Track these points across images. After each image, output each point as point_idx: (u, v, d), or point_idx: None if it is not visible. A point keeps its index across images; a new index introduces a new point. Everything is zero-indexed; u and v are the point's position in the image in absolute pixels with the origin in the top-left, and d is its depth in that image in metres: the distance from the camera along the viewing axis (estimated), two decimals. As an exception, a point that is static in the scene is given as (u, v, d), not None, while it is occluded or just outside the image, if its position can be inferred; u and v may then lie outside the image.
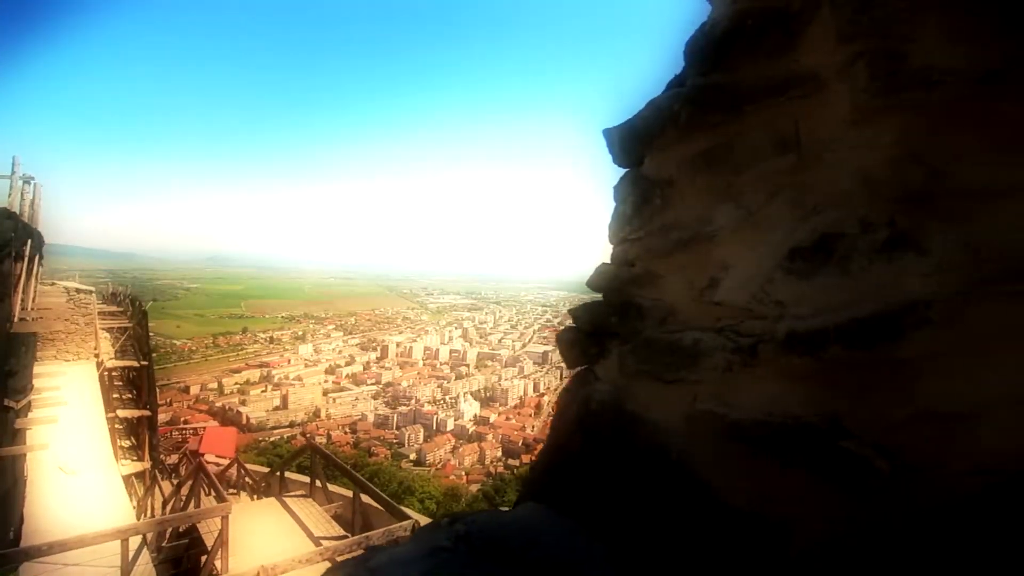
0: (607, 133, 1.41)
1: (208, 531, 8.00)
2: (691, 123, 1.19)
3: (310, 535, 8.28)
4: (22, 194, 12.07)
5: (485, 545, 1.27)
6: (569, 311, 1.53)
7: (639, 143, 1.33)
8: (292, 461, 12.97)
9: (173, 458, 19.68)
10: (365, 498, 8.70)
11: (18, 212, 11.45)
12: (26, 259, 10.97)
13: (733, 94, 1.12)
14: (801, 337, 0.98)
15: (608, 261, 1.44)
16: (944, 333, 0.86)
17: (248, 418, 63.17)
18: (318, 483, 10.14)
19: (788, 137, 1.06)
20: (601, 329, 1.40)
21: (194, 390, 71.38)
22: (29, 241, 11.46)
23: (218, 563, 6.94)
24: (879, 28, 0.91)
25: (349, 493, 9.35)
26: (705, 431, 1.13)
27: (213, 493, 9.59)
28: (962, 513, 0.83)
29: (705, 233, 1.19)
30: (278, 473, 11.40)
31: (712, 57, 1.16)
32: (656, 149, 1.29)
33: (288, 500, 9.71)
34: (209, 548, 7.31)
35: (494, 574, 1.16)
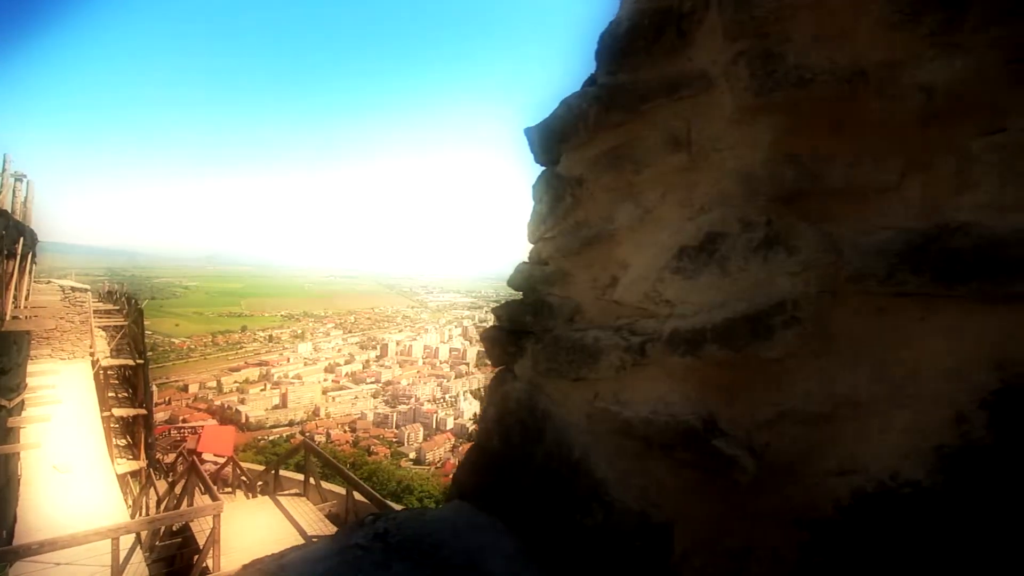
0: (528, 132, 1.41)
1: (201, 530, 8.04)
2: (598, 122, 1.19)
3: (303, 533, 8.32)
4: (14, 192, 12.07)
5: (400, 543, 1.27)
6: (492, 310, 1.53)
7: (555, 142, 1.33)
8: (287, 460, 13.01)
9: (172, 456, 19.71)
10: (359, 496, 8.74)
11: (10, 210, 11.44)
12: (18, 257, 10.97)
13: (633, 93, 1.12)
14: (683, 336, 0.98)
15: (527, 259, 1.45)
16: (810, 333, 0.86)
17: (247, 417, 63.24)
18: (312, 481, 10.18)
19: (680, 136, 1.07)
20: (519, 327, 1.41)
21: (193, 388, 71.43)
22: (21, 239, 11.46)
23: (210, 561, 6.98)
24: (759, 27, 0.91)
25: (344, 491, 9.39)
26: (602, 429, 1.13)
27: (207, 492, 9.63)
28: (832, 518, 0.83)
29: (608, 232, 1.20)
30: (273, 472, 11.45)
31: (617, 56, 1.16)
32: (569, 148, 1.30)
33: (282, 499, 9.74)
34: (201, 547, 7.36)
35: (400, 571, 1.17)
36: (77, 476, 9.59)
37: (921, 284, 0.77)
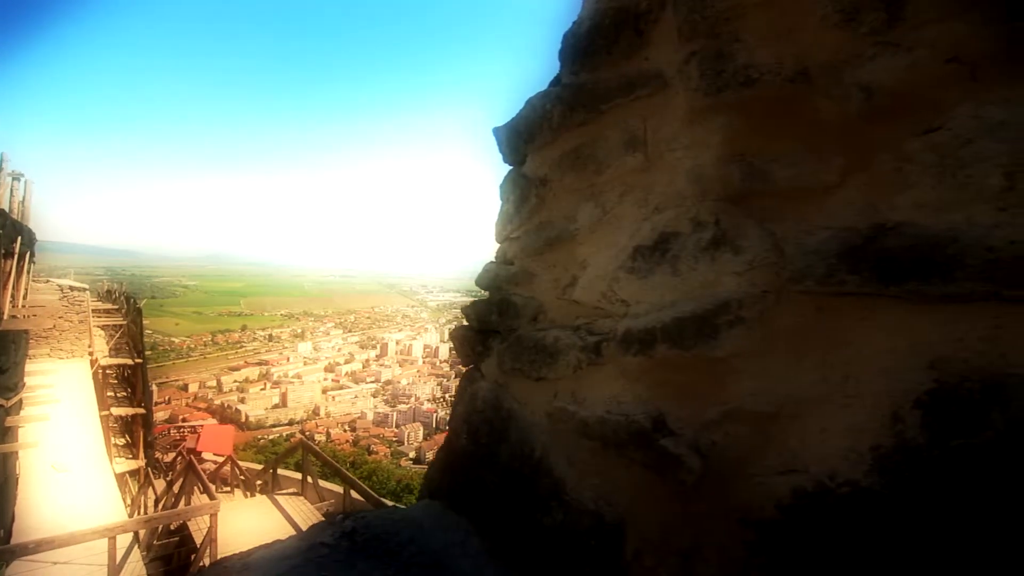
0: (496, 132, 1.41)
1: (198, 528, 8.08)
2: (562, 123, 1.19)
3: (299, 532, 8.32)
4: (11, 191, 12.08)
5: (367, 542, 1.27)
6: (461, 309, 1.54)
7: (522, 142, 1.33)
8: (284, 459, 13.05)
9: (171, 456, 19.76)
10: (357, 495, 8.76)
11: (7, 209, 11.45)
12: (16, 256, 10.98)
13: (594, 94, 1.12)
14: (635, 336, 0.98)
15: (494, 259, 1.45)
16: (755, 332, 0.86)
17: (247, 416, 63.31)
18: (310, 480, 10.22)
19: (637, 136, 1.06)
20: (486, 327, 1.41)
21: (193, 388, 71.50)
22: (19, 238, 11.47)
23: (207, 560, 6.99)
24: (711, 27, 0.91)
25: (342, 490, 9.42)
26: (561, 429, 1.14)
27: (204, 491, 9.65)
28: (774, 518, 0.83)
29: (569, 232, 1.20)
30: (271, 471, 11.48)
31: (580, 56, 1.16)
32: (535, 148, 1.30)
33: (280, 498, 9.78)
34: (199, 545, 7.39)
35: (365, 569, 1.17)
36: (75, 475, 9.59)
37: (859, 284, 0.77)
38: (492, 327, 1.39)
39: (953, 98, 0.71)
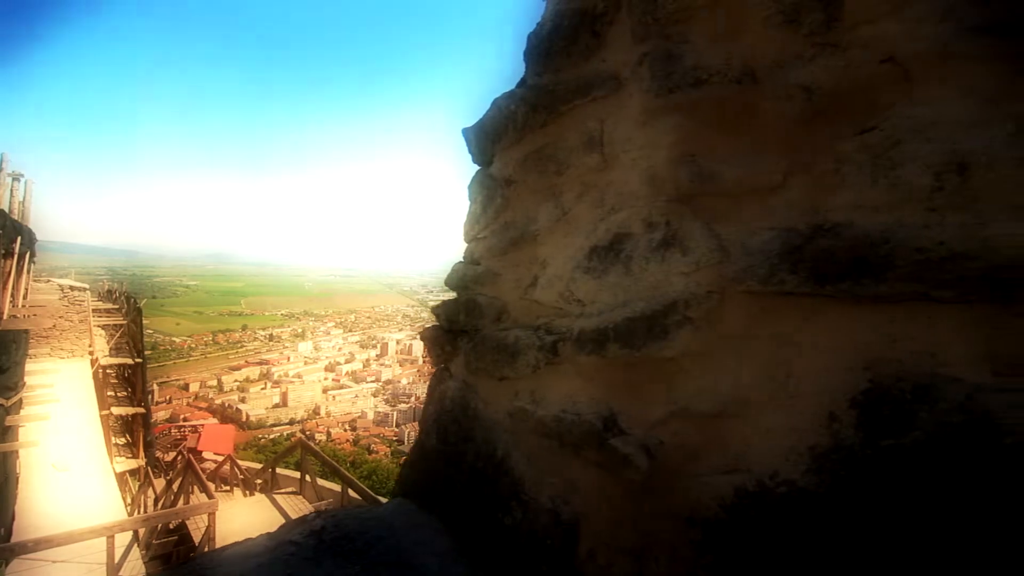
0: (465, 132, 1.42)
1: (197, 528, 8.12)
2: (526, 123, 1.20)
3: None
4: (11, 191, 12.12)
5: (335, 540, 1.28)
6: (432, 309, 1.55)
7: (489, 143, 1.34)
8: (283, 458, 13.10)
9: (172, 455, 19.85)
10: (354, 494, 8.80)
11: (7, 210, 11.48)
12: (16, 256, 11.02)
13: (555, 94, 1.13)
14: (589, 336, 0.99)
15: (462, 259, 1.46)
16: (701, 332, 0.87)
17: (248, 415, 63.38)
18: (308, 479, 10.26)
19: (595, 137, 1.07)
20: (455, 327, 1.42)
21: (194, 387, 71.62)
22: (19, 238, 11.51)
23: (204, 559, 7.01)
24: (662, 29, 0.91)
25: (340, 489, 9.47)
26: (521, 428, 1.14)
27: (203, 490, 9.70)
28: (719, 517, 0.84)
29: (531, 232, 1.20)
30: (270, 470, 11.54)
31: (542, 57, 1.17)
32: (501, 149, 1.31)
33: (278, 497, 9.81)
34: (197, 544, 7.43)
35: (330, 568, 1.18)
36: (75, 474, 9.63)
37: (797, 284, 0.77)
38: (460, 327, 1.40)
39: (887, 98, 0.72)
